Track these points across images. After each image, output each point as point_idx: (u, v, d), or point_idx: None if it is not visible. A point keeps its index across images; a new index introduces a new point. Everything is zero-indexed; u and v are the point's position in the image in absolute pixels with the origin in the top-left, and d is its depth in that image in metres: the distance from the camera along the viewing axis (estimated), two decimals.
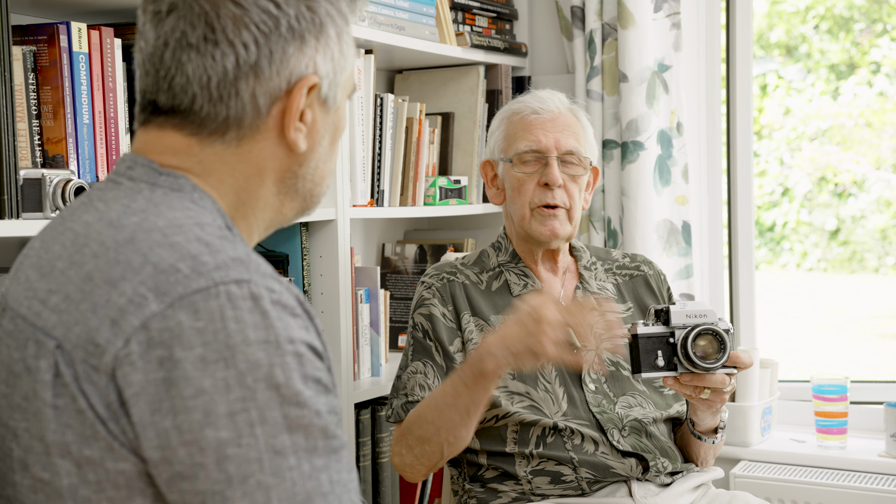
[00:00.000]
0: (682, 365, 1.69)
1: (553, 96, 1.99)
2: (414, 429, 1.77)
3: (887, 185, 7.13)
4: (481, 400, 1.67)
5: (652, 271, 2.08)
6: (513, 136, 1.97)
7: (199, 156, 1.03)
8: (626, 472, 1.84)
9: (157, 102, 1.03)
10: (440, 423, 1.71)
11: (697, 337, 1.66)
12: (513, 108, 2.00)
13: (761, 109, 7.19)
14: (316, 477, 0.91)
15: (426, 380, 1.86)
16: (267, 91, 1.02)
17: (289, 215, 1.11)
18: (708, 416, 1.84)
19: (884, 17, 6.92)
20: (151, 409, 0.89)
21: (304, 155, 1.06)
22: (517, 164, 1.95)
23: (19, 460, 0.96)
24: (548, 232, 1.92)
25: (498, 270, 1.99)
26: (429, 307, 1.92)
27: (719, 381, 1.69)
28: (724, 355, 1.67)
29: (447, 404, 1.70)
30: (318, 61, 1.04)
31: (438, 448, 1.74)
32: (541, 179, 1.92)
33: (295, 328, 0.93)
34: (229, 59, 1.00)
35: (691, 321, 1.68)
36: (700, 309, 1.69)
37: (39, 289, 0.97)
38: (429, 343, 1.90)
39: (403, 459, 1.81)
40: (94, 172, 1.80)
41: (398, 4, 2.46)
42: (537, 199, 1.93)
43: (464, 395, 1.67)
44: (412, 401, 1.84)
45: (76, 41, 1.77)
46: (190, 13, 1.00)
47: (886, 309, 7.62)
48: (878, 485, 2.47)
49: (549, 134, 1.93)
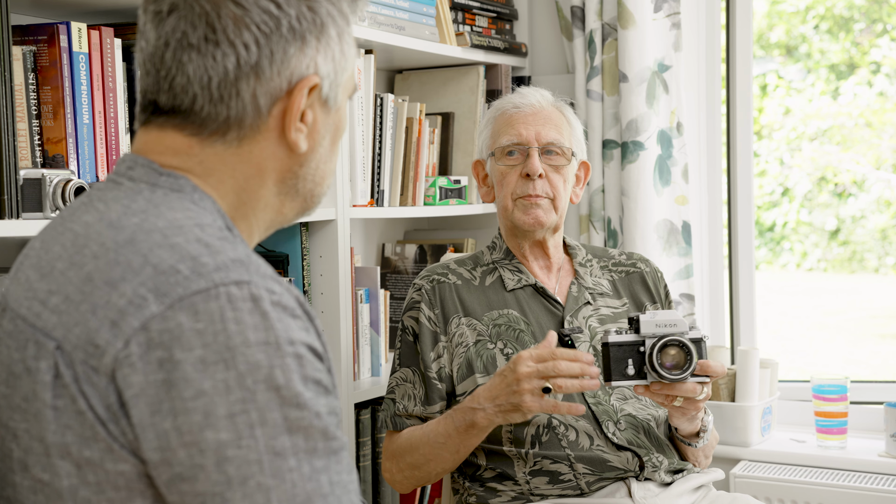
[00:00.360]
0: (651, 374, 1.70)
1: (535, 92, 2.03)
2: (405, 455, 1.86)
3: (887, 185, 7.13)
4: (472, 444, 1.79)
5: (648, 268, 2.09)
6: (497, 132, 2.01)
7: (200, 156, 1.02)
8: (623, 465, 1.84)
9: (157, 102, 1.03)
10: (430, 457, 1.82)
11: (664, 348, 1.67)
12: (496, 106, 2.05)
13: (761, 109, 7.19)
14: (316, 478, 0.91)
15: (413, 390, 1.92)
16: (268, 91, 1.02)
17: (289, 215, 1.11)
18: (684, 422, 1.85)
19: (884, 17, 6.91)
20: (151, 410, 0.89)
21: (305, 155, 1.06)
22: (500, 158, 1.98)
23: (19, 461, 0.96)
24: (531, 220, 1.94)
25: (492, 266, 2.01)
26: (417, 311, 1.95)
27: (690, 389, 1.70)
28: (689, 366, 1.67)
29: (439, 443, 1.80)
30: (318, 62, 1.04)
31: (426, 475, 1.86)
32: (522, 170, 1.95)
33: (295, 329, 0.93)
34: (230, 59, 1.00)
35: (660, 331, 1.69)
36: (670, 319, 1.70)
37: (39, 289, 0.97)
38: (417, 348, 1.94)
39: (393, 476, 1.91)
40: (94, 172, 1.80)
41: (398, 4, 2.46)
42: (519, 189, 1.96)
43: (454, 439, 1.78)
44: (399, 413, 1.91)
45: (76, 41, 1.77)
46: (191, 13, 1.00)
47: (886, 309, 7.61)
48: (878, 485, 2.47)
49: (529, 127, 1.97)
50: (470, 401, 1.76)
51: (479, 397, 1.74)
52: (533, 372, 1.66)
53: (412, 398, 1.91)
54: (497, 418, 1.72)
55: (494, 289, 1.98)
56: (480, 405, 1.73)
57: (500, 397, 1.70)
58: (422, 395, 1.91)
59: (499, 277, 1.99)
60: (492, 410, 1.71)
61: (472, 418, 1.74)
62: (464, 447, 1.79)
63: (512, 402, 1.68)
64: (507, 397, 1.69)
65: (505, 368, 1.71)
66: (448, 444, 1.79)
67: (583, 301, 1.98)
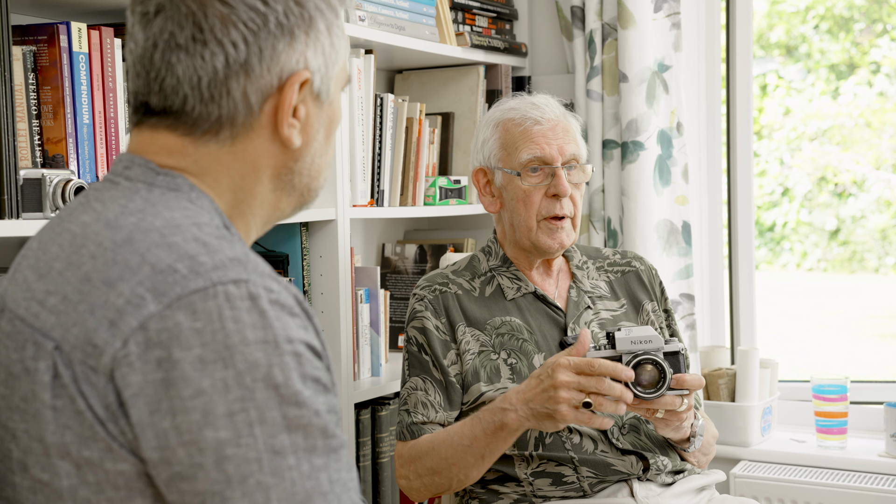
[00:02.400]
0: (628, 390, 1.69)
1: (549, 102, 1.96)
2: (425, 459, 1.79)
3: (887, 185, 7.13)
4: (499, 449, 1.72)
5: (643, 266, 2.08)
6: (512, 145, 1.93)
7: (194, 156, 1.02)
8: (627, 469, 1.83)
9: (149, 104, 1.02)
10: (453, 460, 1.75)
11: (638, 366, 1.67)
12: (508, 116, 1.96)
13: (761, 109, 7.19)
14: (315, 476, 0.91)
15: (427, 397, 1.86)
16: (258, 89, 1.01)
17: (286, 211, 1.11)
18: (669, 432, 1.82)
19: (884, 17, 6.91)
20: (150, 409, 0.89)
21: (300, 150, 1.06)
22: (525, 177, 1.91)
23: (19, 461, 0.96)
24: (556, 245, 1.92)
25: (490, 275, 1.98)
26: (422, 320, 1.91)
27: (669, 402, 1.68)
28: (664, 383, 1.66)
29: (463, 446, 1.73)
30: (308, 56, 1.03)
31: (448, 481, 1.78)
32: (549, 190, 1.90)
33: (293, 328, 0.93)
34: (219, 58, 0.99)
35: (635, 347, 1.67)
36: (644, 335, 1.68)
37: (37, 290, 0.97)
38: (425, 357, 1.89)
39: (411, 484, 1.83)
40: (94, 172, 1.80)
41: (398, 4, 2.46)
42: (545, 210, 1.91)
43: (481, 442, 1.71)
44: (416, 422, 1.85)
45: (76, 41, 1.77)
46: (177, 13, 0.99)
47: (886, 309, 7.61)
48: (878, 485, 2.47)
49: (551, 142, 1.91)
50: (501, 401, 1.69)
51: (511, 398, 1.68)
52: (574, 383, 1.61)
53: (428, 405, 1.85)
54: (528, 422, 1.66)
55: (494, 298, 1.95)
56: (512, 406, 1.67)
57: (534, 401, 1.64)
58: (440, 400, 1.85)
59: (498, 286, 1.96)
60: (524, 413, 1.65)
61: (502, 419, 1.68)
62: (490, 452, 1.72)
63: (547, 407, 1.62)
64: (542, 402, 1.63)
65: (541, 372, 1.65)
66: (473, 447, 1.72)
67: (583, 306, 1.97)
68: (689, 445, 1.87)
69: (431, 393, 1.86)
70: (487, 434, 1.70)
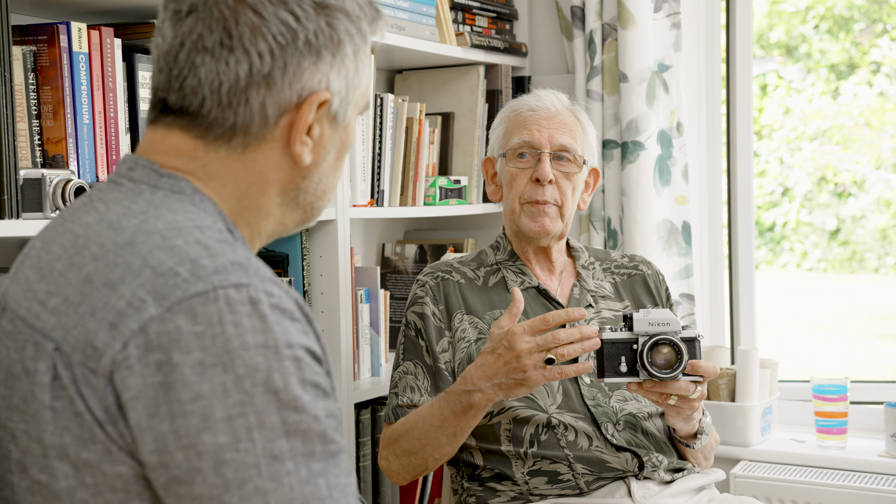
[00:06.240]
0: (643, 372, 1.70)
1: (552, 95, 2.01)
2: (401, 441, 1.81)
3: (887, 185, 7.13)
4: (470, 426, 1.74)
5: (650, 271, 2.09)
6: (510, 132, 1.99)
7: (203, 159, 1.03)
8: (622, 466, 1.84)
9: (167, 101, 1.03)
10: (426, 440, 1.77)
11: (655, 346, 1.67)
12: (512, 106, 2.02)
13: (761, 109, 7.19)
14: (314, 482, 0.91)
15: (416, 381, 1.89)
16: (277, 102, 1.02)
17: (289, 226, 1.11)
18: (680, 422, 1.84)
19: (884, 17, 6.91)
20: (149, 412, 0.89)
21: (308, 168, 1.06)
22: (511, 159, 1.97)
23: (17, 462, 0.96)
24: (537, 228, 1.93)
25: (495, 267, 2.00)
26: (421, 306, 1.94)
27: (683, 388, 1.69)
28: (680, 365, 1.67)
29: (434, 426, 1.75)
30: (331, 78, 1.04)
31: (423, 461, 1.80)
32: (532, 175, 1.94)
33: (293, 332, 0.93)
34: (243, 66, 1.00)
35: (653, 329, 1.69)
36: (663, 317, 1.70)
37: (39, 290, 0.97)
38: (420, 343, 1.92)
39: (390, 465, 1.86)
40: (94, 172, 1.80)
41: (398, 4, 2.46)
42: (527, 194, 1.94)
43: (451, 422, 1.73)
44: (402, 404, 1.88)
45: (76, 41, 1.77)
46: (209, 16, 1.00)
47: (886, 309, 7.61)
48: (878, 485, 2.47)
49: (543, 130, 1.95)
50: (462, 383, 1.70)
51: (473, 378, 1.68)
52: (532, 347, 1.62)
53: (416, 389, 1.88)
54: (497, 396, 1.67)
55: (497, 289, 1.97)
56: (476, 386, 1.68)
57: (497, 375, 1.65)
58: (427, 385, 1.88)
59: (502, 278, 1.99)
60: (490, 390, 1.67)
61: (468, 400, 1.69)
62: (461, 429, 1.74)
63: (514, 378, 1.64)
64: (507, 374, 1.64)
65: (497, 345, 1.66)
66: (444, 428, 1.73)
67: (585, 303, 1.98)
68: (696, 442, 1.88)
69: (421, 378, 1.89)
70: (457, 414, 1.71)
